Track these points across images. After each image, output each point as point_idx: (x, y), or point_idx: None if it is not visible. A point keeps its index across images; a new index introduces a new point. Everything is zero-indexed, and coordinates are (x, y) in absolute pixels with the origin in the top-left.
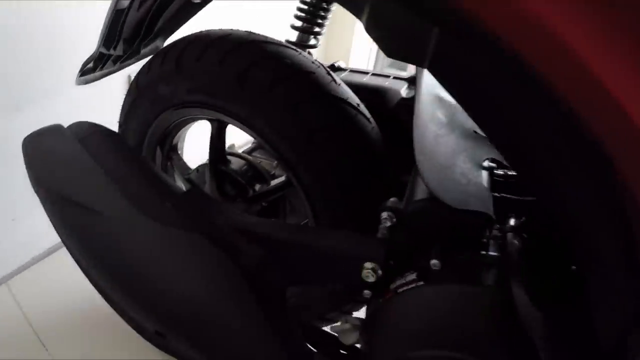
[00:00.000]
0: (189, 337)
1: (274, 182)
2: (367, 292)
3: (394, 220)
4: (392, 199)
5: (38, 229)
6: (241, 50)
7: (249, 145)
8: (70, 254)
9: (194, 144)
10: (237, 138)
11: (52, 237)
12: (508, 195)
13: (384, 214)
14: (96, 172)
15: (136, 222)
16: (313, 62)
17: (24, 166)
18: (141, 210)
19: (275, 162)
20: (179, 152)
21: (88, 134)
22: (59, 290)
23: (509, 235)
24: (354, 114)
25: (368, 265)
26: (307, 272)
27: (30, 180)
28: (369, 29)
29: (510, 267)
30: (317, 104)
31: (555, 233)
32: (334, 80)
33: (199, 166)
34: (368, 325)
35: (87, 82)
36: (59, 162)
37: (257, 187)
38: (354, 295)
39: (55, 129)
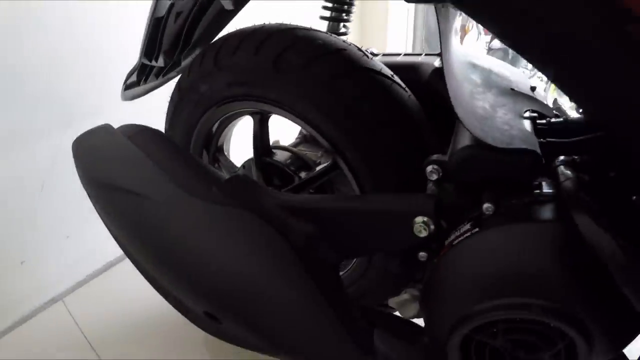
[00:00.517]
0: (242, 318)
1: (318, 168)
2: (422, 254)
3: (440, 173)
4: (436, 155)
5: (91, 245)
6: (273, 38)
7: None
8: (118, 242)
9: (240, 146)
10: (281, 136)
11: (104, 253)
12: (554, 139)
13: (429, 168)
14: (144, 162)
15: (184, 203)
16: (344, 41)
17: (76, 182)
18: (189, 192)
19: (320, 152)
20: (225, 153)
21: (135, 132)
22: (113, 305)
23: (561, 168)
24: (389, 83)
25: (419, 219)
26: (358, 240)
27: (80, 175)
28: None
29: (570, 199)
30: (351, 77)
31: (611, 168)
32: (366, 55)
33: (245, 162)
34: (426, 291)
35: (132, 98)
36: (108, 155)
37: (303, 174)
38: (410, 269)
39: (104, 128)
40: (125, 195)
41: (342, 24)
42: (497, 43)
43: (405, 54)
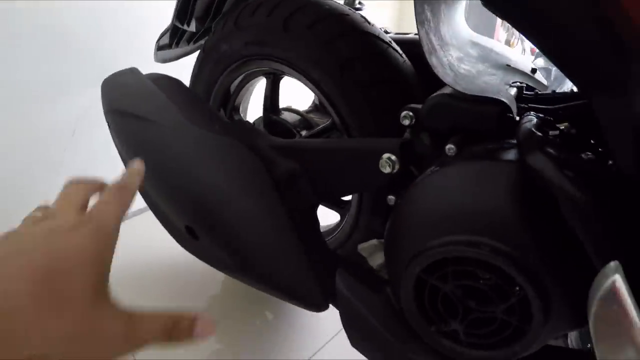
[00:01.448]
0: (218, 234)
1: (317, 128)
2: (390, 197)
3: (413, 120)
4: (412, 104)
5: None
6: (286, 2)
7: None
8: (123, 159)
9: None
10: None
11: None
12: (536, 106)
13: (403, 114)
14: (159, 97)
15: (186, 130)
16: (349, 9)
17: (104, 132)
18: (192, 122)
19: (328, 120)
20: (241, 113)
21: (158, 77)
22: (127, 253)
23: (526, 117)
24: (385, 47)
25: (385, 156)
26: (335, 180)
27: (104, 105)
28: None
29: (526, 141)
30: (349, 38)
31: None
32: (367, 22)
33: (255, 120)
34: (388, 232)
35: (164, 61)
36: (131, 90)
37: (304, 133)
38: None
39: (132, 70)
40: (140, 121)
41: (358, 0)
42: (541, 61)
43: (415, 34)
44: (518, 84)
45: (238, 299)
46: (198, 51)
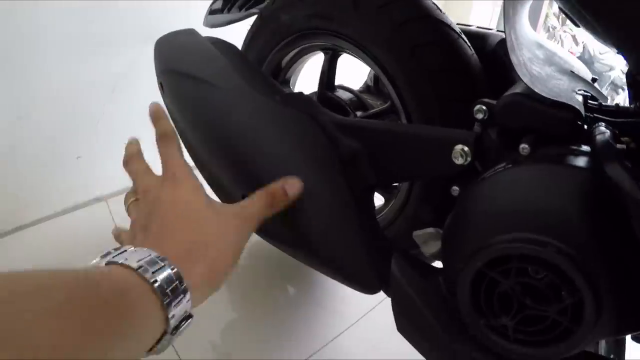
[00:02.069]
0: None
1: (375, 109)
2: (455, 188)
3: (486, 115)
4: (486, 98)
5: (146, 154)
6: None
7: None
8: (177, 127)
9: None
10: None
11: (156, 168)
12: (600, 116)
13: (477, 107)
14: (220, 60)
15: (250, 97)
16: None
17: (143, 92)
18: (256, 90)
19: (379, 101)
20: (291, 86)
21: (217, 40)
22: None
23: (599, 128)
24: (456, 37)
25: (458, 147)
26: (400, 164)
27: (159, 65)
28: None
29: (605, 152)
30: (421, 23)
31: None
32: (439, 9)
33: (309, 94)
34: (450, 223)
35: (212, 26)
36: (190, 50)
37: (359, 113)
38: (439, 218)
39: (190, 30)
40: (199, 83)
41: None
42: None
43: (477, 26)
44: (583, 92)
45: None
46: (247, 19)
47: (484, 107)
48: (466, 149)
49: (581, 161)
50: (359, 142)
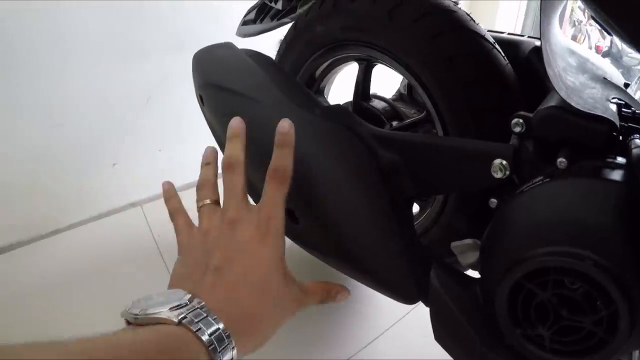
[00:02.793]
0: (320, 219)
1: (410, 119)
2: (493, 200)
3: (524, 128)
4: (523, 111)
5: (180, 161)
6: None
7: None
8: (216, 138)
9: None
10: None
11: (192, 171)
12: (635, 126)
13: (515, 120)
14: (259, 74)
15: (290, 111)
16: (455, 4)
17: (178, 101)
18: (295, 103)
19: (413, 110)
20: (325, 96)
21: (254, 53)
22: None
23: (635, 141)
24: (490, 48)
25: (497, 161)
26: (438, 177)
27: (198, 79)
28: None
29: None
30: (456, 35)
31: None
32: (473, 20)
33: (344, 103)
34: (488, 235)
35: (245, 35)
36: (228, 65)
37: (394, 123)
38: (474, 228)
39: (227, 44)
40: (239, 98)
41: None
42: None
43: (509, 33)
44: (617, 100)
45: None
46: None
47: (521, 120)
48: (505, 162)
49: (617, 174)
50: (398, 155)
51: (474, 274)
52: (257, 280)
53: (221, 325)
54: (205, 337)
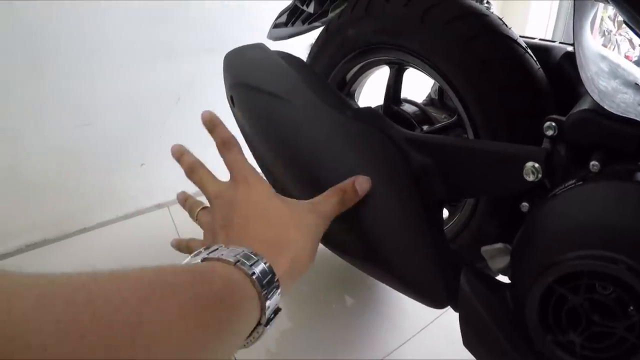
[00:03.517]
0: (348, 218)
1: (441, 123)
2: (525, 204)
3: (556, 131)
4: (555, 115)
5: (209, 165)
6: None
7: None
8: (246, 138)
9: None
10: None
11: (219, 176)
12: None
13: (547, 124)
14: (291, 75)
15: (323, 112)
16: (487, 9)
17: (208, 103)
18: (327, 104)
19: (444, 114)
20: (356, 99)
21: (286, 55)
22: None
23: None
24: (523, 52)
25: (529, 164)
26: (470, 180)
27: (229, 79)
28: None
29: None
30: (489, 39)
31: None
32: (505, 24)
33: (375, 107)
34: (520, 238)
35: (276, 39)
36: (261, 65)
37: (425, 127)
38: (504, 232)
39: (259, 45)
40: (270, 98)
41: (486, 0)
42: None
43: (540, 39)
44: None
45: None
46: (310, 32)
47: (554, 124)
48: (537, 165)
49: None
50: (430, 157)
51: (504, 279)
52: (261, 211)
53: (268, 265)
54: (257, 280)
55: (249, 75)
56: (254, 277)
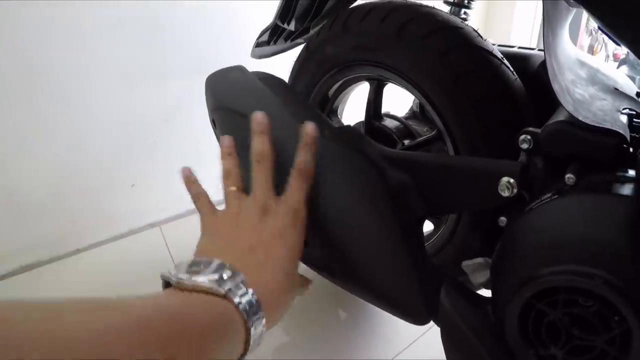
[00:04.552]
0: (328, 237)
1: (422, 137)
2: (502, 218)
3: (531, 144)
4: (531, 127)
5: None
6: (400, 10)
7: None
8: None
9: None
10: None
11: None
12: None
13: (522, 137)
14: (269, 97)
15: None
16: (462, 21)
17: (195, 124)
18: None
19: (426, 127)
20: (338, 116)
21: (265, 76)
22: None
23: None
24: (498, 64)
25: (504, 179)
26: (447, 196)
27: (210, 102)
28: None
29: None
30: (463, 52)
31: None
32: (480, 36)
33: (356, 124)
34: (498, 253)
35: (260, 57)
36: (240, 88)
37: (406, 142)
38: (487, 245)
39: (239, 68)
40: (249, 120)
41: (463, 10)
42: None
43: (519, 47)
44: (628, 110)
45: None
46: (292, 49)
47: (529, 137)
48: (512, 181)
49: (626, 189)
50: (408, 175)
51: (487, 293)
52: (284, 264)
53: (255, 298)
54: (244, 310)
55: (228, 99)
56: (240, 307)
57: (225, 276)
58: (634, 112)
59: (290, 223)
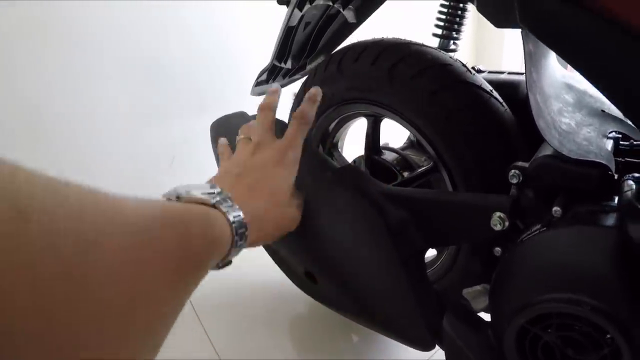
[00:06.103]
0: (335, 278)
1: (420, 169)
2: (497, 249)
3: (520, 178)
4: (520, 162)
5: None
6: (390, 51)
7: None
8: None
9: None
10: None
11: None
12: (632, 160)
13: (511, 172)
14: None
15: (302, 178)
16: (450, 57)
17: (201, 162)
18: (308, 169)
19: (424, 157)
20: (339, 149)
21: None
22: (221, 275)
23: (628, 182)
24: (487, 97)
25: (496, 214)
26: (444, 230)
27: (214, 149)
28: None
29: (628, 213)
30: (453, 90)
31: None
32: (469, 71)
33: (356, 158)
34: (495, 282)
35: (260, 94)
36: None
37: (406, 174)
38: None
39: (241, 114)
40: None
41: (452, 42)
42: None
43: (509, 73)
44: (614, 134)
45: (324, 319)
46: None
47: (517, 172)
48: (503, 215)
49: (610, 219)
50: (406, 211)
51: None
52: (268, 190)
53: (242, 214)
54: (231, 219)
55: (232, 143)
56: (227, 215)
57: (214, 192)
58: (620, 135)
59: (279, 157)
